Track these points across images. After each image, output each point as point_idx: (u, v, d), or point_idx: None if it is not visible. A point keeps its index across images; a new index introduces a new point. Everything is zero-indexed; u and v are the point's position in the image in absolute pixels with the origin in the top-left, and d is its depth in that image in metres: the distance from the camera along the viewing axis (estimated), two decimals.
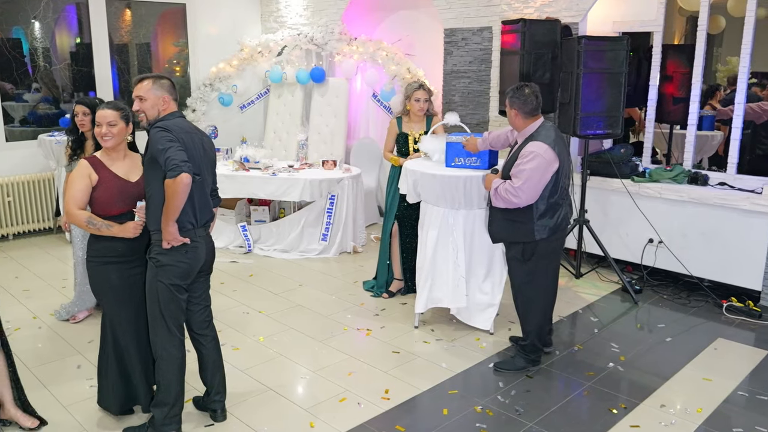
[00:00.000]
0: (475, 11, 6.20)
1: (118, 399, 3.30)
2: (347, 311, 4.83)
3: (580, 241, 5.46)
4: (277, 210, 6.80)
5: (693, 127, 5.34)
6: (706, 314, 4.80)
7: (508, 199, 3.61)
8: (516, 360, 3.96)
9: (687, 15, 6.63)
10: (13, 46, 6.78)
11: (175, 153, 2.84)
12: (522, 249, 3.75)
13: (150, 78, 3.03)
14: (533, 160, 3.53)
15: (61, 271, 5.67)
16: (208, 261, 3.22)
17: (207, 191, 3.17)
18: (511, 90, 3.72)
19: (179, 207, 2.88)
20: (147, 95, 3.00)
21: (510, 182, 3.61)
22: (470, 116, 6.33)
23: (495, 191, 3.68)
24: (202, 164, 3.08)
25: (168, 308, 3.04)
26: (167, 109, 3.04)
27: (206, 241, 3.16)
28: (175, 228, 2.93)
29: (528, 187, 3.54)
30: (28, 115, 7.10)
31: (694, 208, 5.04)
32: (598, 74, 4.84)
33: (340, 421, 3.36)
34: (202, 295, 3.26)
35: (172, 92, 3.06)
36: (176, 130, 2.95)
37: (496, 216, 3.82)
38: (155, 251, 3.02)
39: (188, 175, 2.83)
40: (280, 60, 7.76)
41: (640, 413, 3.47)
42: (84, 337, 4.35)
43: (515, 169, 3.60)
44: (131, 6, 7.62)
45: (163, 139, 2.88)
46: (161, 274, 3.00)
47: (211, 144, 3.21)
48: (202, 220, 3.11)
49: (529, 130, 3.68)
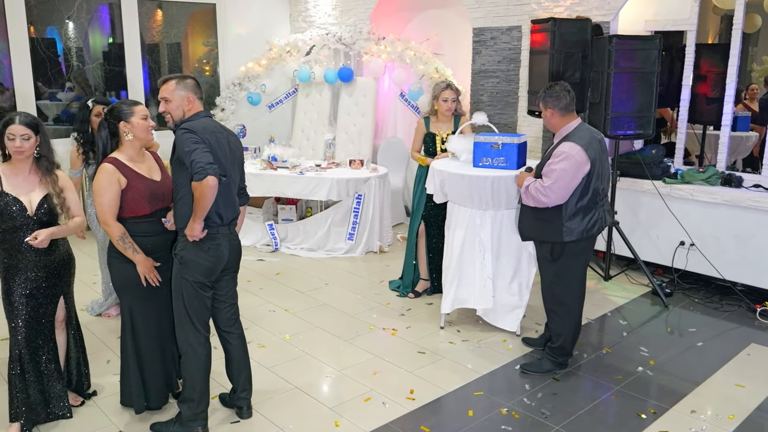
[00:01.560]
0: (504, 10, 6.15)
1: (140, 399, 3.33)
2: (373, 311, 4.83)
3: (609, 243, 5.39)
4: (304, 209, 6.83)
5: (727, 127, 5.23)
6: (739, 319, 4.70)
7: (537, 198, 3.58)
8: (543, 362, 3.92)
9: (721, 13, 6.51)
10: (47, 46, 6.92)
11: (201, 155, 2.85)
12: (551, 248, 3.72)
13: (174, 78, 3.04)
14: (564, 161, 3.50)
15: (92, 267, 5.76)
16: (233, 259, 3.22)
17: (233, 190, 3.17)
18: (542, 92, 3.70)
19: (207, 208, 2.91)
20: (171, 96, 3.03)
21: (540, 181, 3.59)
22: (498, 116, 6.28)
23: (526, 189, 3.66)
24: (228, 164, 3.08)
25: (192, 305, 3.07)
26: (192, 108, 3.05)
27: (230, 240, 3.17)
28: (200, 225, 2.96)
29: (558, 187, 3.51)
30: (62, 114, 7.24)
31: (727, 211, 4.93)
32: (629, 74, 4.77)
33: (364, 420, 3.36)
34: (229, 292, 3.28)
35: (196, 91, 3.07)
36: (201, 130, 2.95)
37: (526, 214, 3.80)
38: (179, 247, 3.06)
39: (214, 178, 2.84)
40: (309, 59, 7.79)
41: (670, 419, 3.41)
42: (114, 332, 4.42)
43: (546, 168, 3.58)
44: (162, 6, 7.72)
45: (189, 141, 2.89)
46: (185, 271, 3.04)
47: (238, 143, 3.22)
48: (227, 218, 3.12)
49: (566, 130, 3.65)
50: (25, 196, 3.07)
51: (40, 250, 3.10)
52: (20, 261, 3.09)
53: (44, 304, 3.19)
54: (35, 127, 3.08)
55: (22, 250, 3.08)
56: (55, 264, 3.19)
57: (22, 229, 3.06)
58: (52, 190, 3.12)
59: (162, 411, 3.41)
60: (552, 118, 3.68)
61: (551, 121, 3.69)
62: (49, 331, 3.25)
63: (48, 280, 3.17)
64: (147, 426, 3.27)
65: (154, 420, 3.31)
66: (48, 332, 3.24)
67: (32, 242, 3.02)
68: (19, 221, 3.05)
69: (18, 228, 3.06)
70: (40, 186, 3.12)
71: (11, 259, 3.09)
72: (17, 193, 3.05)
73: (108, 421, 3.35)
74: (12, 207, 3.03)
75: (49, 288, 3.18)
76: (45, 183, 3.12)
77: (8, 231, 3.07)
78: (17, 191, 3.06)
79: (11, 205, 3.03)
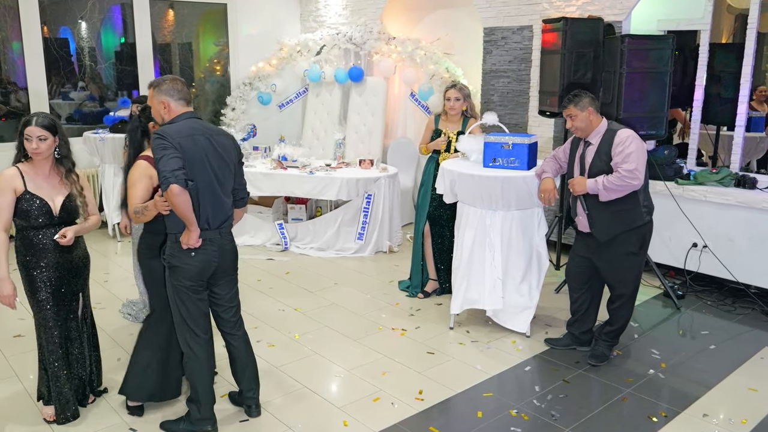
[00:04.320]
0: (515, 10, 6.12)
1: (151, 390, 3.37)
2: (382, 311, 4.82)
3: None
4: (314, 208, 6.83)
5: (741, 128, 5.18)
6: (753, 322, 4.65)
7: (626, 185, 3.61)
8: (601, 349, 4.03)
9: (736, 13, 6.45)
10: (60, 46, 6.97)
11: (166, 163, 2.80)
12: (636, 239, 3.79)
13: (151, 85, 3.03)
14: (633, 142, 3.63)
15: (103, 265, 5.80)
16: (227, 263, 3.15)
17: (222, 193, 3.06)
18: (573, 97, 3.75)
19: (185, 214, 2.86)
20: (151, 102, 3.05)
21: (621, 170, 3.61)
22: (509, 116, 6.26)
23: (603, 186, 3.66)
24: (211, 166, 2.98)
25: (185, 308, 3.07)
26: (170, 112, 3.00)
27: (221, 245, 3.08)
28: (194, 233, 2.93)
29: (642, 166, 3.65)
30: (74, 113, 7.29)
31: (741, 212, 4.88)
32: (641, 74, 4.73)
33: (373, 420, 3.35)
34: (227, 295, 3.22)
35: (172, 94, 2.99)
36: (173, 134, 2.87)
37: (600, 216, 3.79)
38: (167, 252, 3.06)
39: (177, 186, 2.78)
40: (319, 59, 7.80)
41: (682, 422, 3.37)
42: (125, 330, 4.44)
43: (619, 157, 3.63)
44: (174, 6, 7.75)
45: (158, 147, 2.85)
46: (173, 276, 3.04)
47: (229, 144, 3.10)
48: (216, 222, 3.05)
49: (603, 127, 3.77)
50: (49, 197, 3.10)
51: (62, 249, 3.14)
52: (42, 259, 3.11)
53: (68, 301, 3.25)
54: (53, 128, 3.10)
55: (45, 248, 3.11)
56: (75, 261, 3.24)
57: (45, 227, 3.10)
58: (74, 190, 3.18)
59: (165, 406, 3.42)
60: (592, 116, 3.76)
61: (590, 119, 3.75)
62: (75, 328, 3.32)
63: (69, 277, 3.22)
64: (157, 424, 3.28)
65: (162, 417, 3.32)
66: (75, 328, 3.31)
67: (61, 240, 3.07)
68: (44, 221, 3.08)
69: (41, 227, 3.09)
70: (61, 186, 3.16)
71: (34, 257, 3.11)
72: (41, 194, 3.08)
73: (119, 418, 3.36)
74: (37, 207, 3.06)
75: (70, 285, 3.23)
76: (66, 183, 3.17)
77: (29, 229, 3.09)
78: (41, 192, 3.09)
79: (36, 206, 3.06)
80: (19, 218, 3.08)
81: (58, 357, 3.21)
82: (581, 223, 3.91)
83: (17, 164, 3.11)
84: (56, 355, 3.20)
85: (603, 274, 3.94)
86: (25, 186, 3.06)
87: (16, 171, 3.08)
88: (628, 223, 3.76)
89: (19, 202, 3.04)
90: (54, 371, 3.22)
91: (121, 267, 5.82)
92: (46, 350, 3.21)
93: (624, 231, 3.78)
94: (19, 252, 3.13)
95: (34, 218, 3.06)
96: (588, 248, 3.94)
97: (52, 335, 3.18)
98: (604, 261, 3.88)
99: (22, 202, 3.05)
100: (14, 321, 4.48)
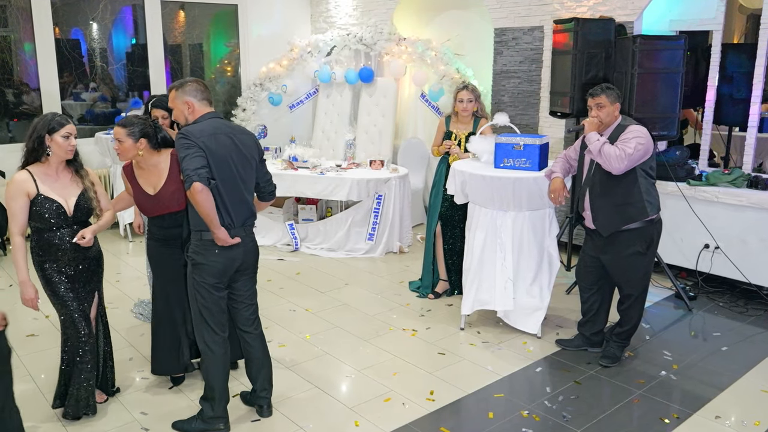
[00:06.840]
0: (526, 10, 6.11)
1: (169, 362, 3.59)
2: (393, 311, 4.83)
3: None
4: (325, 209, 6.84)
5: (754, 129, 5.15)
6: (765, 323, 4.62)
7: (613, 157, 3.61)
8: (612, 350, 4.02)
9: (748, 13, 6.42)
10: (72, 47, 7.02)
11: (189, 161, 2.86)
12: (643, 238, 3.78)
13: (174, 87, 3.08)
14: (638, 136, 3.65)
15: (115, 265, 5.83)
16: (249, 261, 3.20)
17: (245, 190, 3.11)
18: (606, 89, 3.76)
19: (207, 213, 2.90)
20: (174, 104, 3.08)
21: (619, 145, 3.64)
22: (520, 117, 6.25)
23: (600, 142, 3.67)
24: (234, 164, 3.04)
25: (206, 306, 3.09)
26: (194, 112, 3.05)
27: (245, 242, 3.13)
28: (220, 231, 2.97)
29: (633, 164, 3.65)
30: (86, 114, 7.34)
31: (753, 213, 4.85)
32: (653, 74, 4.71)
33: (384, 420, 3.36)
34: (247, 293, 3.27)
35: (196, 94, 3.04)
36: (197, 134, 2.94)
37: (602, 209, 3.81)
38: (191, 250, 3.08)
39: (200, 184, 2.83)
40: (329, 60, 7.81)
41: (693, 424, 3.36)
42: (137, 329, 4.47)
43: (624, 136, 3.67)
44: (185, 7, 7.79)
45: (181, 147, 2.91)
46: (196, 273, 3.07)
47: (251, 142, 3.16)
48: (239, 220, 3.09)
49: (616, 123, 3.80)
50: (62, 198, 3.12)
51: (78, 248, 3.17)
52: (59, 259, 3.14)
53: (86, 300, 3.28)
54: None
55: (61, 248, 3.14)
56: (90, 260, 3.27)
57: (60, 228, 3.12)
58: (86, 185, 3.21)
59: (177, 404, 3.44)
60: (616, 113, 3.80)
61: (615, 114, 3.80)
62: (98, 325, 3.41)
63: (86, 275, 3.25)
64: (169, 423, 3.30)
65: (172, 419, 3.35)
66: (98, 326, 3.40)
67: (81, 242, 3.09)
68: (57, 222, 3.11)
69: (56, 228, 3.12)
70: (72, 185, 3.18)
71: (50, 257, 3.14)
72: (54, 196, 3.10)
73: (131, 417, 3.38)
74: (50, 209, 3.08)
75: (87, 284, 3.27)
76: (77, 180, 3.19)
77: (44, 231, 3.12)
78: (54, 193, 3.11)
79: (49, 208, 3.07)
80: (33, 221, 3.10)
81: (86, 351, 3.23)
82: (588, 218, 3.92)
83: (27, 167, 3.11)
84: (86, 348, 3.22)
85: (611, 273, 3.93)
86: (37, 189, 3.07)
87: (27, 175, 3.08)
88: (629, 218, 3.75)
89: (32, 205, 3.06)
90: (80, 365, 3.23)
91: (132, 267, 5.86)
92: (73, 346, 3.22)
93: (627, 227, 3.77)
94: (35, 253, 3.16)
95: (48, 220, 3.09)
96: (595, 247, 3.94)
97: (79, 328, 3.20)
98: (611, 259, 3.88)
99: (35, 205, 3.06)
100: (28, 321, 4.52)
